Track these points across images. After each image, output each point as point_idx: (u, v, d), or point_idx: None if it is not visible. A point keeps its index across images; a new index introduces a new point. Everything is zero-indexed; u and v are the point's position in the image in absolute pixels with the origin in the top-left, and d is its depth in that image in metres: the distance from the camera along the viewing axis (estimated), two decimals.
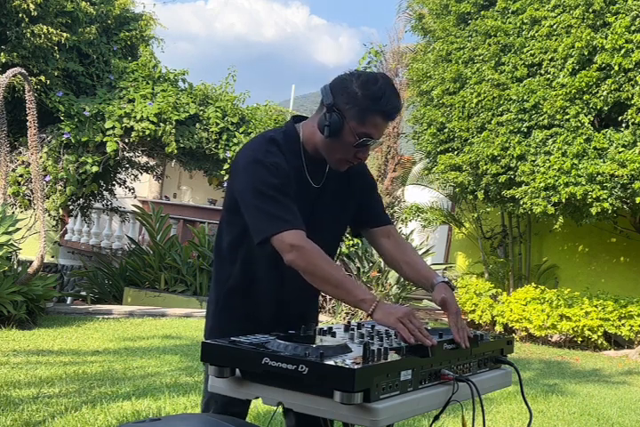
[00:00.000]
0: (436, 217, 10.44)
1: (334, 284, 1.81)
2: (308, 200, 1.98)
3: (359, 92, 1.87)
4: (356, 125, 1.88)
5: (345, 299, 1.85)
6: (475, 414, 1.65)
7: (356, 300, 1.80)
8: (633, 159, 7.23)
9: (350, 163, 1.97)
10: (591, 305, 8.43)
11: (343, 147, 1.92)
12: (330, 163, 1.99)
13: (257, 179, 1.87)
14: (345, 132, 1.89)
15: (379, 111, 1.87)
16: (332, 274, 1.81)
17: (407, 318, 1.72)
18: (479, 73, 8.73)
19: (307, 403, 1.52)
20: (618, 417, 4.83)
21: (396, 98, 1.91)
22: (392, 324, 1.73)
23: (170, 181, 17.93)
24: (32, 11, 8.22)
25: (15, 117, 8.86)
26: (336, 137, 1.90)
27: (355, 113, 1.87)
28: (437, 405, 1.65)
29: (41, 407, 3.81)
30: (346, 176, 2.07)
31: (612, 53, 7.51)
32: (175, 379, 4.86)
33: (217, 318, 2.07)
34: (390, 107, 1.88)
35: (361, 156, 1.95)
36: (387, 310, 1.76)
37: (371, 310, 1.77)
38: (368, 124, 1.88)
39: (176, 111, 9.07)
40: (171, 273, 9.99)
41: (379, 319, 1.76)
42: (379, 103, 1.86)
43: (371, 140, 1.91)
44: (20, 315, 6.92)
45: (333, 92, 1.91)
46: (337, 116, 1.88)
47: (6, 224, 6.90)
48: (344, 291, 1.82)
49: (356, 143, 1.90)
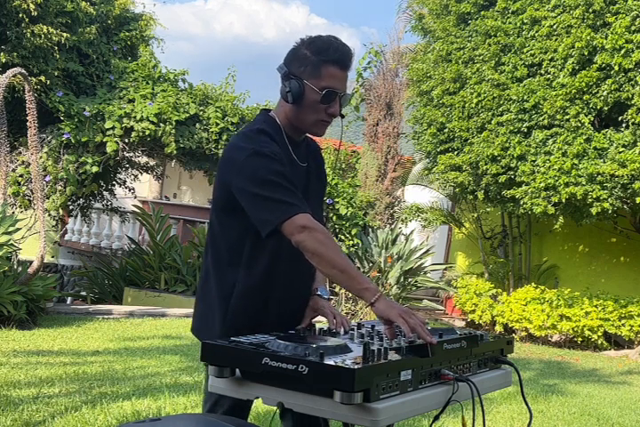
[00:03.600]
0: (436, 217, 10.44)
1: (340, 268, 1.81)
2: (301, 181, 2.03)
3: (307, 52, 1.95)
4: (314, 82, 1.94)
5: (349, 285, 1.84)
6: (475, 415, 1.64)
7: (361, 287, 1.80)
8: (633, 159, 7.23)
9: (326, 122, 2.01)
10: (591, 305, 8.43)
11: (312, 107, 1.96)
12: (306, 129, 2.03)
13: (262, 169, 1.88)
14: (307, 92, 1.95)
15: (329, 61, 1.93)
16: (339, 258, 1.82)
17: (408, 313, 1.73)
18: (479, 73, 8.73)
19: (307, 403, 1.52)
20: (618, 417, 4.83)
21: (344, 46, 1.97)
22: (393, 316, 1.73)
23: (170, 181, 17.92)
24: (32, 11, 8.22)
25: (15, 117, 8.86)
26: (301, 100, 1.96)
27: (309, 71, 1.94)
28: (437, 405, 1.64)
29: (41, 407, 3.81)
30: (313, 156, 2.14)
31: (612, 53, 7.51)
32: (175, 379, 4.86)
33: (229, 323, 2.01)
34: (339, 54, 1.94)
35: (332, 111, 1.98)
36: (390, 303, 1.77)
37: (373, 300, 1.76)
38: (325, 76, 1.94)
39: (176, 111, 9.07)
40: (171, 273, 9.99)
41: (381, 310, 1.75)
42: (327, 53, 1.93)
43: (335, 92, 1.95)
44: (19, 315, 6.91)
45: (287, 63, 1.99)
46: (295, 80, 1.95)
47: (6, 224, 6.90)
48: (349, 277, 1.81)
49: (321, 98, 1.94)
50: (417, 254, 9.75)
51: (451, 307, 11.44)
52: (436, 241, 12.71)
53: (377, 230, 9.83)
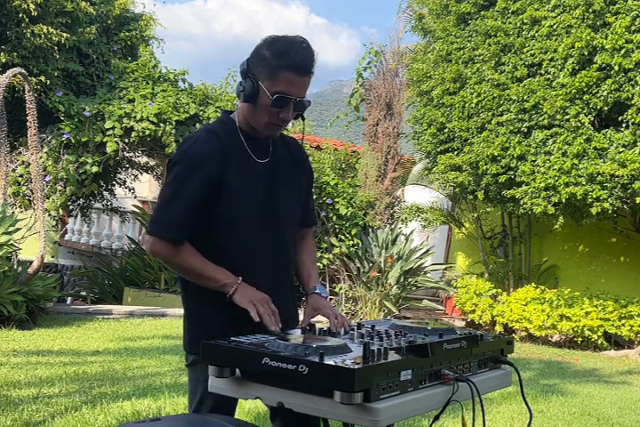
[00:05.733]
0: (436, 217, 10.44)
1: (195, 273, 1.92)
2: (259, 175, 2.02)
3: (267, 53, 1.91)
4: (268, 85, 1.91)
5: (208, 285, 1.92)
6: (475, 415, 1.64)
7: (219, 284, 1.89)
8: (633, 159, 7.23)
9: (278, 126, 2.00)
10: (591, 305, 8.43)
11: (264, 110, 1.94)
12: (259, 130, 2.02)
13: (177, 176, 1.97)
14: (261, 94, 1.93)
15: (286, 66, 1.89)
16: (192, 264, 1.92)
17: (261, 302, 1.83)
18: (479, 73, 8.73)
19: (307, 403, 1.52)
20: (618, 417, 4.83)
21: (305, 51, 1.90)
22: (245, 304, 1.83)
23: None
24: (32, 11, 8.22)
25: (15, 117, 8.86)
26: (255, 101, 1.94)
27: (265, 73, 1.91)
28: (437, 405, 1.64)
29: (41, 407, 3.81)
30: (288, 152, 2.13)
31: (612, 53, 7.51)
32: (175, 379, 4.86)
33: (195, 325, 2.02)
34: (298, 59, 1.88)
35: (284, 116, 1.95)
36: (244, 292, 1.86)
37: (231, 292, 1.87)
38: (279, 81, 1.90)
39: (176, 111, 9.07)
40: (171, 273, 9.99)
41: (237, 301, 1.86)
42: (286, 58, 1.88)
43: (286, 98, 1.92)
44: (20, 315, 6.92)
45: (249, 60, 1.96)
46: (250, 80, 1.93)
47: (6, 224, 6.90)
48: (206, 278, 1.91)
49: (271, 102, 1.91)
50: (417, 254, 9.75)
51: (451, 307, 11.44)
52: (436, 241, 12.70)
53: (377, 230, 9.83)
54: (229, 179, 1.95)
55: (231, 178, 1.95)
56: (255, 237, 2.00)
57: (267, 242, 2.02)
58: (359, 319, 9.02)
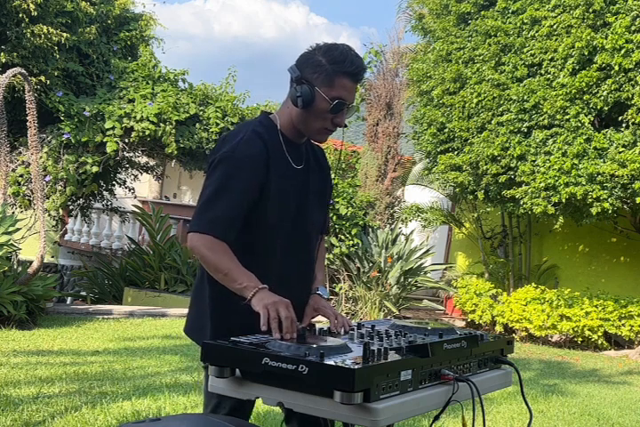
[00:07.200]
0: (436, 217, 10.44)
1: (223, 272, 1.91)
2: (295, 181, 2.05)
3: (323, 60, 1.97)
4: (326, 90, 1.96)
5: (231, 286, 1.91)
6: (475, 415, 1.64)
7: (241, 287, 1.88)
8: (633, 159, 7.23)
9: (329, 131, 2.04)
10: (591, 305, 8.43)
11: (319, 115, 1.99)
12: (310, 135, 2.07)
13: (224, 175, 1.98)
14: (317, 99, 1.97)
15: (344, 72, 1.96)
16: (223, 263, 1.91)
17: (275, 306, 1.80)
18: (479, 73, 8.73)
19: (307, 403, 1.52)
20: (618, 417, 4.83)
21: (359, 59, 2.01)
22: (258, 307, 1.81)
23: (170, 181, 17.92)
24: (32, 11, 8.22)
25: (15, 117, 8.86)
26: (310, 106, 1.98)
27: (322, 79, 1.96)
28: (437, 405, 1.64)
29: (41, 407, 3.81)
30: (316, 161, 2.18)
31: (613, 53, 7.51)
32: (175, 379, 4.86)
33: (219, 322, 2.03)
34: (354, 67, 1.97)
35: (338, 121, 2.01)
36: (261, 297, 1.84)
37: (250, 296, 1.86)
38: (337, 86, 1.96)
39: (176, 111, 9.07)
40: (171, 273, 10.00)
41: (253, 304, 1.85)
42: (343, 65, 1.95)
43: (344, 103, 1.98)
44: (20, 315, 6.92)
45: (299, 66, 2.00)
46: (307, 86, 1.96)
47: (6, 224, 6.90)
48: (231, 279, 1.90)
49: (331, 107, 1.97)
50: (417, 254, 9.75)
51: (451, 307, 11.44)
52: (436, 241, 12.71)
53: (377, 230, 9.83)
54: (270, 182, 1.97)
55: (272, 182, 1.98)
56: (284, 242, 2.03)
57: (295, 247, 2.06)
58: (359, 319, 9.02)
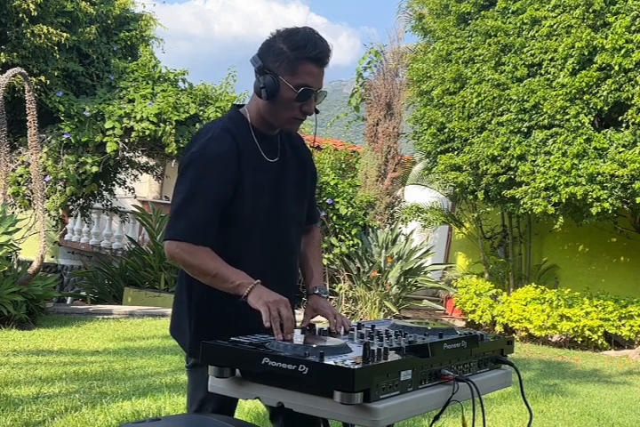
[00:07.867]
0: (436, 217, 10.44)
1: (212, 274, 1.85)
2: (270, 175, 2.00)
3: (284, 47, 1.88)
4: (290, 79, 1.88)
5: (223, 287, 1.86)
6: (475, 415, 1.64)
7: (234, 285, 1.83)
8: (633, 159, 7.23)
9: (299, 120, 1.98)
10: (591, 305, 8.43)
11: (286, 104, 1.92)
12: (280, 126, 2.00)
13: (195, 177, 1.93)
14: (282, 89, 1.89)
15: (307, 58, 1.87)
16: (208, 265, 1.86)
17: (276, 305, 1.76)
18: (479, 73, 8.73)
19: (307, 403, 1.52)
20: (618, 417, 4.83)
21: (322, 42, 1.90)
22: (258, 305, 1.76)
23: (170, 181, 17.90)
24: (32, 11, 8.22)
25: (15, 117, 8.86)
26: (275, 97, 1.91)
27: (285, 67, 1.88)
28: (437, 405, 1.64)
29: (41, 407, 3.81)
30: (294, 151, 2.11)
31: (613, 53, 7.51)
32: (175, 379, 4.86)
33: (199, 324, 2.00)
34: (318, 51, 1.88)
35: (307, 109, 1.94)
36: (259, 293, 1.80)
37: (246, 293, 1.80)
38: (301, 73, 1.88)
39: (176, 111, 9.06)
40: (171, 273, 9.99)
41: (251, 302, 1.79)
42: (305, 50, 1.87)
43: (311, 90, 1.90)
44: (20, 315, 6.91)
45: (261, 56, 1.93)
46: (270, 76, 1.89)
47: (6, 224, 6.90)
48: (222, 279, 1.85)
49: (296, 96, 1.89)
50: (417, 254, 9.75)
51: (451, 307, 11.44)
52: (436, 241, 12.71)
53: (377, 230, 9.83)
54: (243, 178, 1.92)
55: (245, 177, 1.93)
56: (260, 237, 1.98)
57: (271, 242, 2.00)
58: (359, 319, 9.02)
